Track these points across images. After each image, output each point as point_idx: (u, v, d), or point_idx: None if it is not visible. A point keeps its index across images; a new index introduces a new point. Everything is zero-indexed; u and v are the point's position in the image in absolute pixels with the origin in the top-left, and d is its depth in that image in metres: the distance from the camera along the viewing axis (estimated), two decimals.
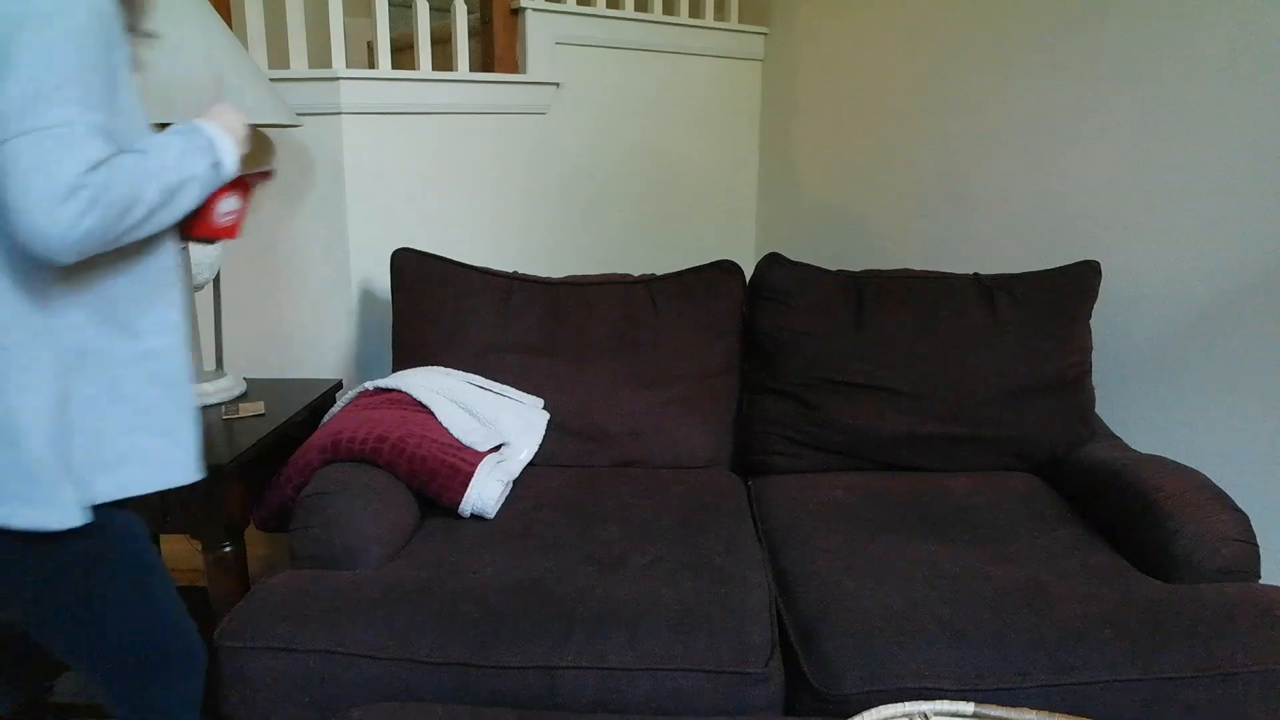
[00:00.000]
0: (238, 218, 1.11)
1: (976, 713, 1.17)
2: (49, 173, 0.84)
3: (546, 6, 2.42)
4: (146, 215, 0.94)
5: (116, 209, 0.89)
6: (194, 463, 1.10)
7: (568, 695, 1.25)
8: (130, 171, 0.91)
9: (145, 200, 0.93)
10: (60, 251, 0.87)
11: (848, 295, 1.93)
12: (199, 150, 1.01)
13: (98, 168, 0.87)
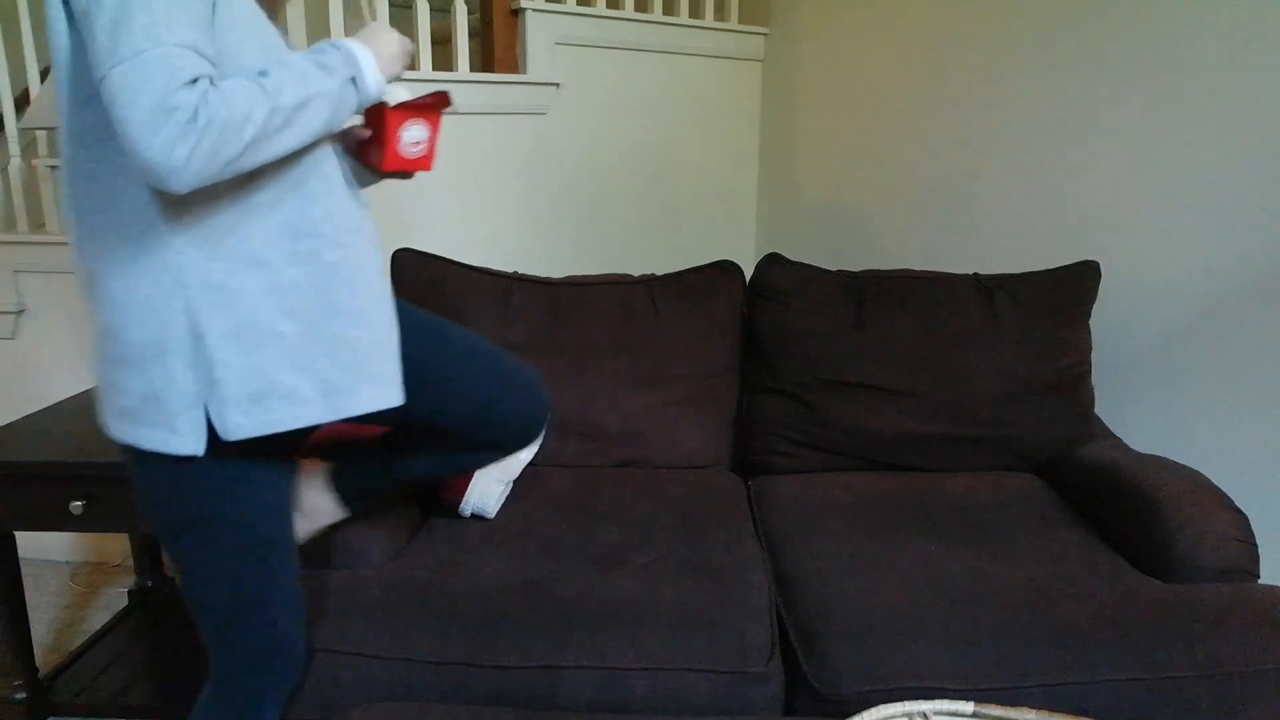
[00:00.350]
0: (428, 148, 1.03)
1: (976, 712, 1.17)
2: (140, 100, 0.81)
3: (546, 6, 2.42)
4: (258, 136, 0.88)
5: (218, 129, 0.84)
6: (339, 400, 1.02)
7: (568, 695, 1.25)
8: (235, 91, 0.86)
9: (254, 120, 0.87)
10: (170, 179, 0.84)
11: (848, 295, 1.93)
12: (327, 67, 0.95)
13: (194, 86, 0.83)
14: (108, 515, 1.59)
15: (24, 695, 1.69)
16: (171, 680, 1.83)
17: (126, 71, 0.81)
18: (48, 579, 2.36)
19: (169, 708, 1.75)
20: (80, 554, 2.49)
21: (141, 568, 2.17)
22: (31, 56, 2.19)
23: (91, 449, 1.64)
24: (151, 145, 0.82)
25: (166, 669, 1.87)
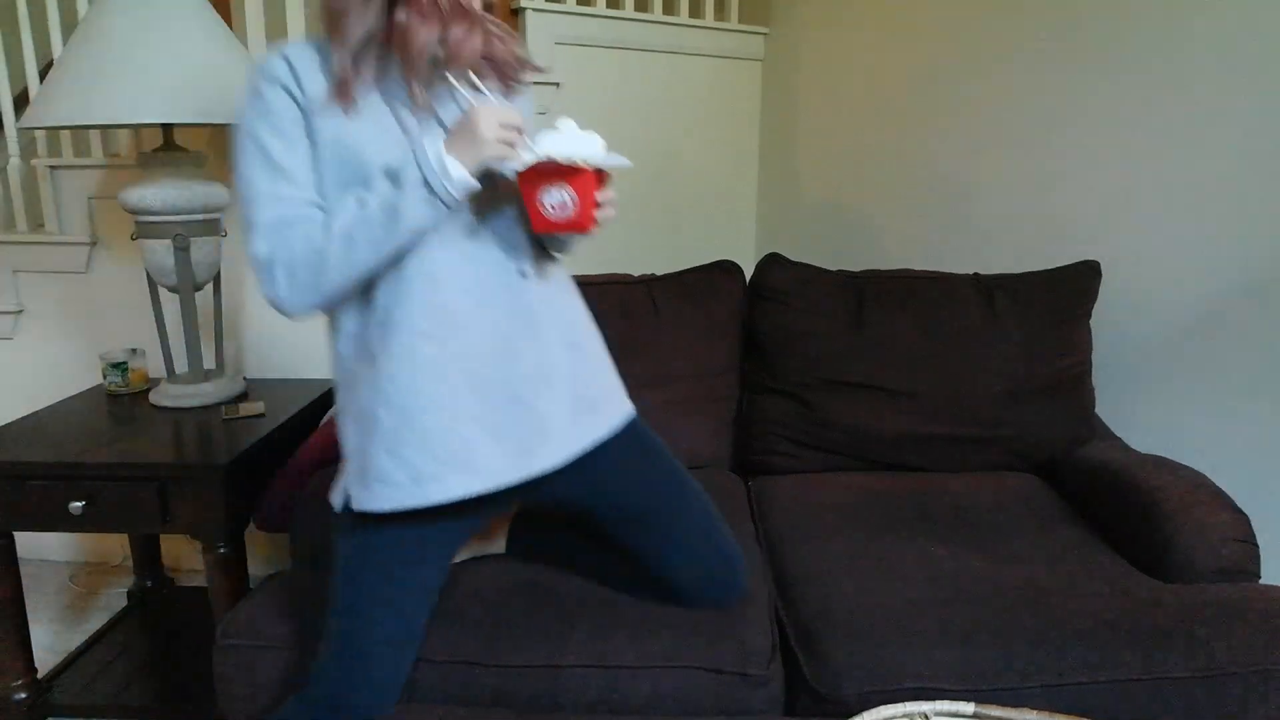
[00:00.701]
0: (575, 209, 1.00)
1: (977, 713, 1.17)
2: (251, 259, 1.04)
3: (546, 6, 2.42)
4: (339, 262, 1.01)
5: (305, 268, 1.02)
6: (428, 486, 1.09)
7: (570, 695, 1.25)
8: (309, 234, 1.02)
9: (330, 251, 1.01)
10: (288, 313, 1.06)
11: (847, 295, 1.93)
12: (395, 177, 1.00)
13: (282, 234, 1.02)
14: (107, 515, 1.59)
15: (24, 695, 1.69)
16: (171, 680, 1.83)
17: (245, 238, 1.05)
18: (48, 579, 2.36)
19: (169, 708, 1.75)
20: (80, 554, 2.49)
21: (141, 568, 2.17)
22: (31, 56, 2.19)
23: (91, 449, 1.65)
24: (269, 292, 1.04)
25: (166, 669, 1.87)
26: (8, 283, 2.26)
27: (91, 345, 2.26)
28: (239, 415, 1.82)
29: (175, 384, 1.91)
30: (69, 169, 2.20)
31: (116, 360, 1.97)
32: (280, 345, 2.20)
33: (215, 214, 1.84)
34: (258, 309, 2.18)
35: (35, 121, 1.67)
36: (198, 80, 1.64)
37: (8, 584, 1.65)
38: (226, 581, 1.61)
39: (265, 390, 1.99)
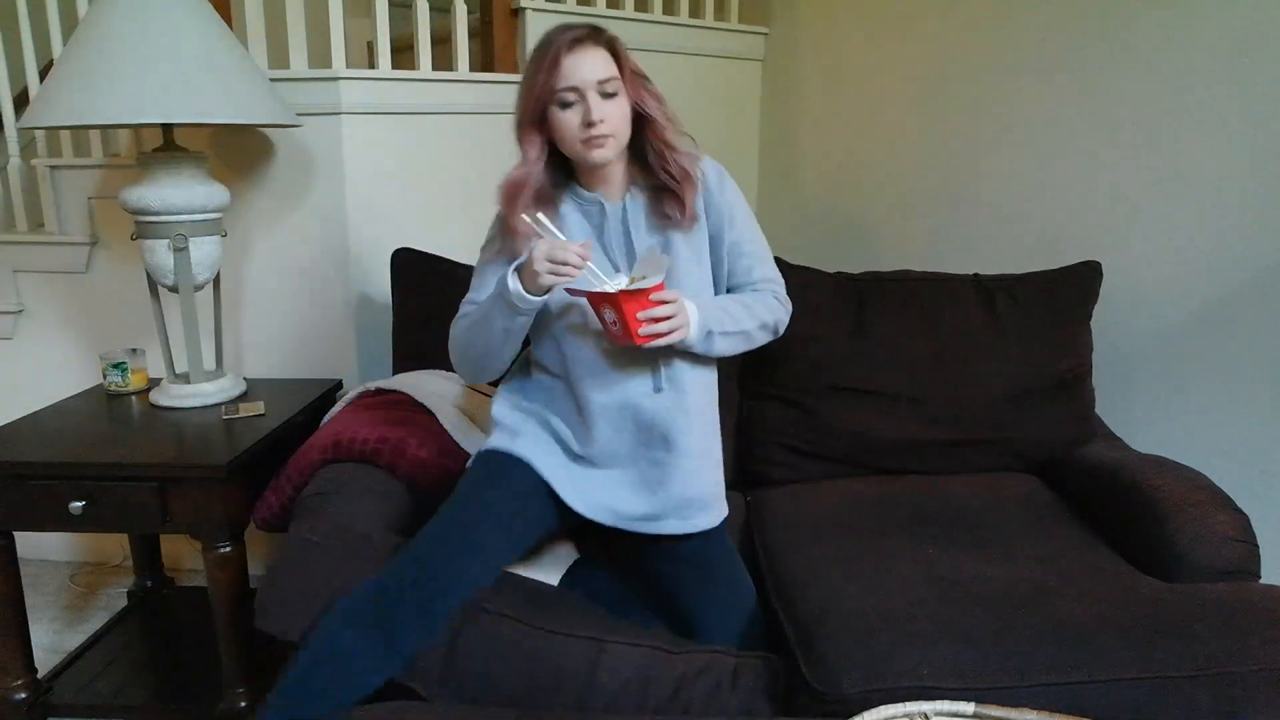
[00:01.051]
0: (619, 326, 1.19)
1: (977, 713, 1.17)
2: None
3: (546, 6, 2.42)
4: (462, 353, 1.36)
5: (453, 353, 1.38)
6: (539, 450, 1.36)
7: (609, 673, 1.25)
8: (457, 322, 1.37)
9: (457, 345, 1.36)
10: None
11: (847, 298, 1.93)
12: (495, 302, 1.27)
13: (455, 321, 1.37)
14: (107, 515, 1.59)
15: (24, 695, 1.69)
16: (171, 680, 1.83)
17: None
18: (47, 579, 2.36)
19: (169, 708, 1.75)
20: (80, 554, 2.49)
21: (141, 568, 2.17)
22: (31, 56, 2.19)
23: (91, 449, 1.65)
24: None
25: (166, 669, 1.87)
26: (8, 283, 2.26)
27: (91, 345, 2.26)
28: (239, 415, 1.82)
29: (175, 384, 1.91)
30: (69, 169, 2.20)
31: (116, 360, 1.97)
32: (280, 345, 2.20)
33: (215, 214, 1.84)
34: (258, 309, 2.18)
35: (35, 121, 1.67)
36: (198, 80, 1.64)
37: (8, 584, 1.65)
38: (226, 581, 1.61)
39: (265, 390, 1.99)
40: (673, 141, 1.29)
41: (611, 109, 1.23)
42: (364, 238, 2.14)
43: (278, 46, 2.03)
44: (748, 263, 1.37)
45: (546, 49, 1.22)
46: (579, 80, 1.21)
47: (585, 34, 1.22)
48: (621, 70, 1.24)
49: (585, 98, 1.22)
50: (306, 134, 2.06)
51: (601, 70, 1.22)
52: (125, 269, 2.18)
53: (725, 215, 1.35)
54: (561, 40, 1.21)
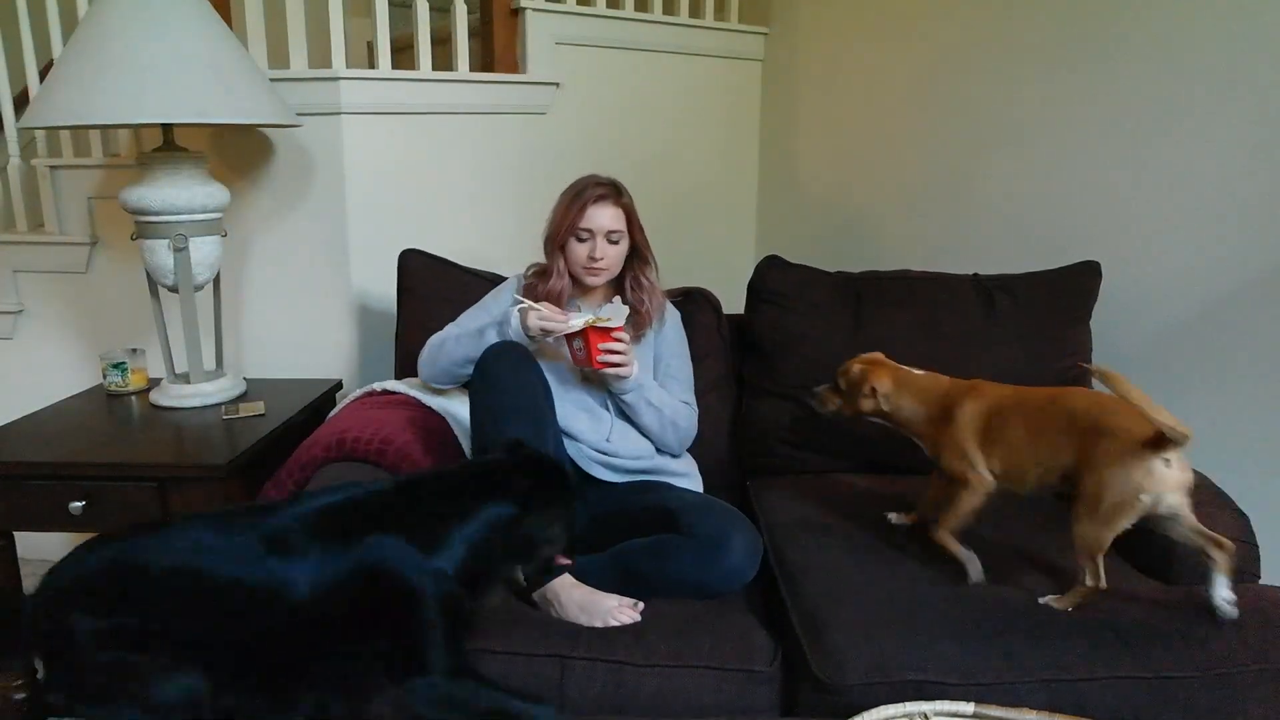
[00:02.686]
0: (584, 353, 1.54)
1: (976, 713, 1.17)
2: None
3: (546, 6, 2.42)
4: (445, 355, 1.63)
5: (430, 354, 1.66)
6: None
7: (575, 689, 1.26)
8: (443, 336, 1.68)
9: (440, 349, 1.65)
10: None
11: (847, 297, 1.93)
12: (492, 320, 1.62)
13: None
14: (108, 515, 1.59)
15: (24, 695, 1.69)
16: None
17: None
18: None
19: None
20: None
21: None
22: (31, 56, 2.19)
23: (91, 449, 1.65)
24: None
25: None
26: (8, 283, 2.26)
27: (91, 345, 2.26)
28: (239, 415, 1.82)
29: (175, 384, 1.91)
30: (69, 169, 2.20)
31: (116, 360, 1.97)
32: (280, 345, 2.20)
33: (215, 214, 1.84)
34: (258, 309, 2.18)
35: (35, 121, 1.67)
36: (198, 80, 1.64)
37: (8, 584, 1.65)
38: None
39: (265, 390, 1.99)
40: (653, 281, 1.72)
41: (612, 251, 1.65)
42: (364, 237, 2.14)
43: (278, 46, 2.03)
44: (675, 386, 1.72)
45: (580, 195, 1.64)
46: (595, 226, 1.63)
47: (609, 193, 1.65)
48: (630, 224, 1.67)
49: (595, 239, 1.63)
50: (306, 134, 2.06)
51: (612, 222, 1.64)
52: (125, 269, 2.18)
53: (669, 347, 1.75)
54: (591, 193, 1.63)
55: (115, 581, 1.07)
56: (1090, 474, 1.29)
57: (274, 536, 1.10)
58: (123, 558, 1.09)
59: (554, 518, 1.26)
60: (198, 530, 1.12)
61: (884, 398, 1.53)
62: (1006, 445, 1.41)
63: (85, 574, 1.08)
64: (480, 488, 1.22)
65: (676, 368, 1.75)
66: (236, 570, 1.08)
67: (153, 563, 1.08)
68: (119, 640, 1.04)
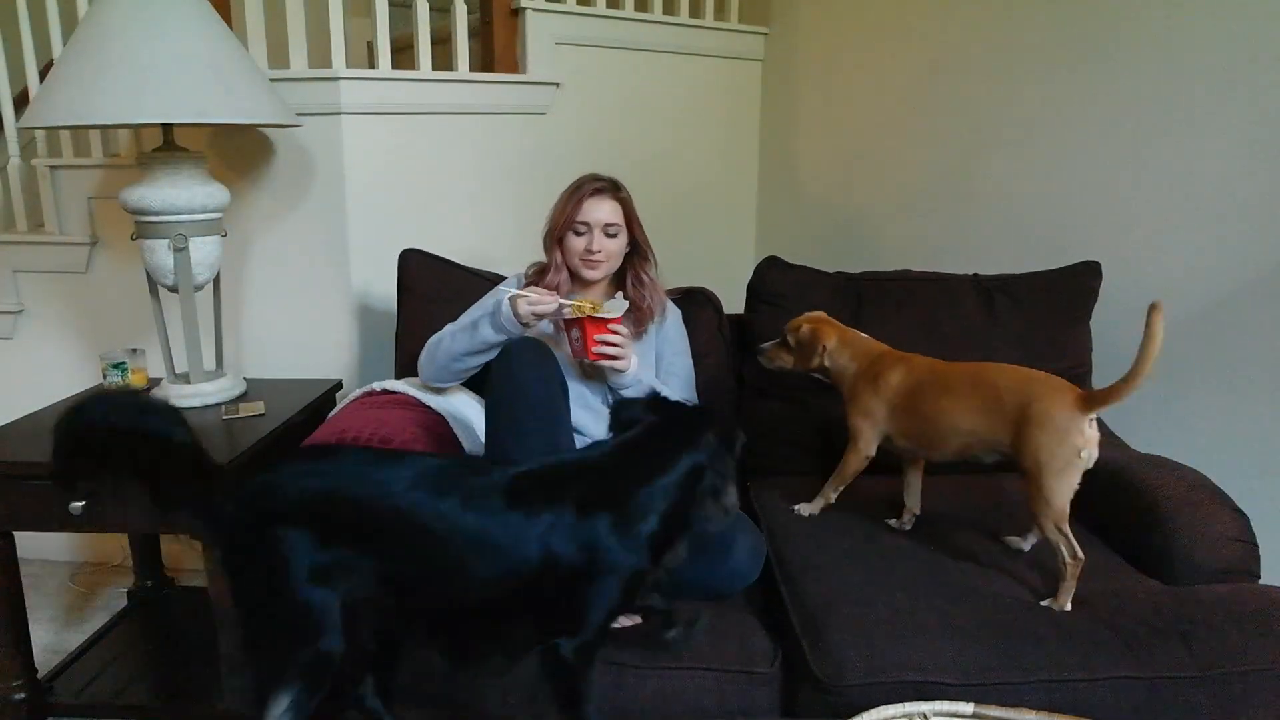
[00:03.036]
0: (580, 343, 1.55)
1: (976, 713, 1.17)
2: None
3: (546, 6, 2.42)
4: (443, 351, 1.64)
5: (428, 352, 1.67)
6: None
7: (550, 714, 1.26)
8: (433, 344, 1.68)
9: (438, 345, 1.65)
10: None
11: (846, 298, 1.93)
12: (485, 311, 1.60)
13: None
14: (108, 515, 1.59)
15: (24, 695, 1.69)
16: (171, 680, 1.83)
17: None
18: (48, 579, 2.36)
19: (169, 708, 1.75)
20: (80, 554, 2.49)
21: (141, 568, 2.17)
22: (31, 56, 2.19)
23: None
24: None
25: (166, 669, 1.87)
26: (8, 283, 2.26)
27: (91, 345, 2.26)
28: (239, 415, 1.82)
29: (175, 384, 1.91)
30: (69, 169, 2.20)
31: (116, 360, 1.97)
32: (280, 345, 2.20)
33: (215, 214, 1.84)
34: (258, 309, 2.18)
35: (35, 121, 1.67)
36: (198, 80, 1.64)
37: (8, 584, 1.65)
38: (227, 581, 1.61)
39: (265, 390, 1.99)
40: (654, 278, 1.74)
41: (609, 244, 1.65)
42: (364, 237, 2.14)
43: (278, 46, 2.03)
44: (676, 383, 1.72)
45: (577, 190, 1.66)
46: (591, 219, 1.64)
47: (606, 187, 1.67)
48: (628, 219, 1.68)
49: (592, 232, 1.64)
50: (306, 134, 2.06)
51: (609, 216, 1.65)
52: (125, 269, 2.18)
53: (671, 345, 1.76)
54: (588, 187, 1.65)
55: (341, 512, 1.05)
56: (1026, 442, 1.37)
57: (513, 491, 1.11)
58: (347, 490, 1.07)
59: (729, 465, 1.24)
60: (413, 471, 1.10)
61: (829, 354, 1.64)
62: (924, 416, 1.52)
63: (306, 498, 1.06)
64: (680, 438, 1.21)
65: (678, 365, 1.75)
66: (482, 521, 1.08)
67: (376, 498, 1.07)
68: (334, 574, 1.03)
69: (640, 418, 1.25)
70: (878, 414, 1.57)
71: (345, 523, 1.06)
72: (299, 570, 1.02)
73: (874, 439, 1.59)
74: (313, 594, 1.02)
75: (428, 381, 1.70)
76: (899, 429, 1.56)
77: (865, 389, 1.59)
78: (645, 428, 1.23)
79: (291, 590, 1.02)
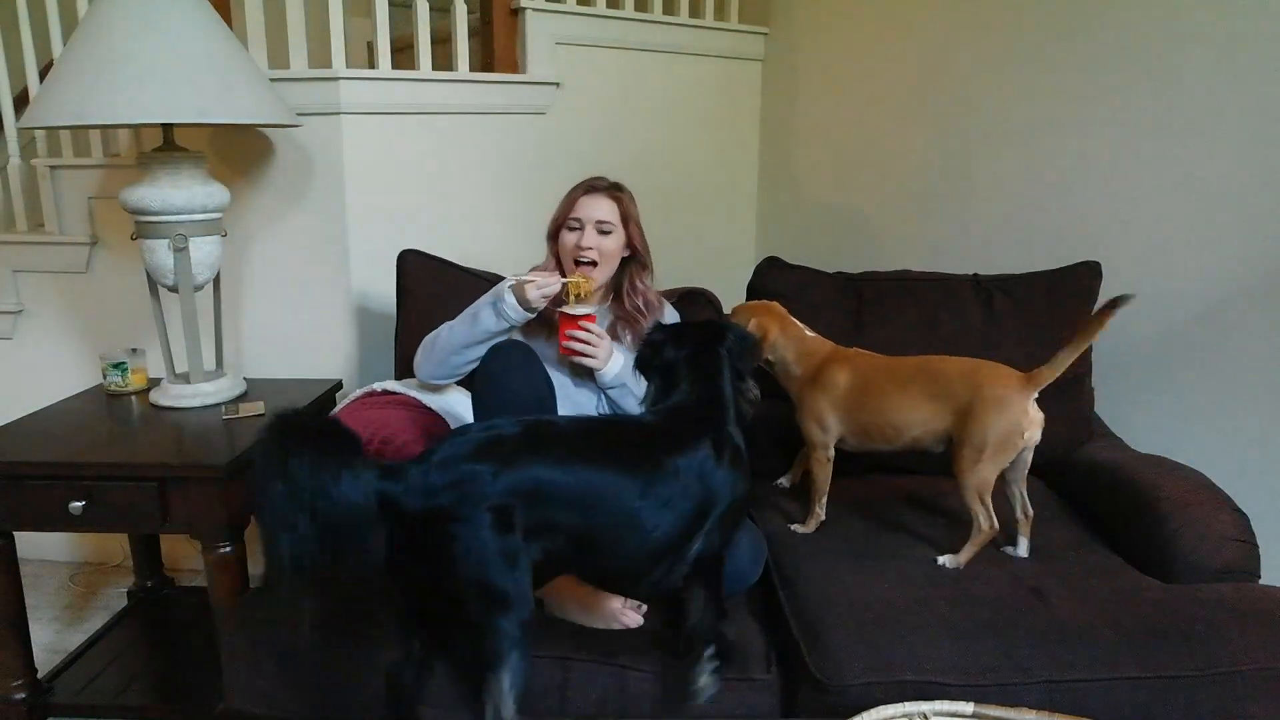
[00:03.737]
0: (558, 339, 1.59)
1: (976, 713, 1.17)
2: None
3: (546, 6, 2.42)
4: (440, 346, 1.63)
5: (425, 348, 1.67)
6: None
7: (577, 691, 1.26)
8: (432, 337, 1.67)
9: (435, 340, 1.65)
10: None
11: (846, 298, 1.93)
12: (486, 303, 1.58)
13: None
14: (107, 515, 1.59)
15: (24, 695, 1.69)
16: (171, 680, 1.83)
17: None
18: (48, 579, 2.36)
19: (169, 708, 1.75)
20: (80, 554, 2.49)
21: (141, 568, 2.17)
22: (31, 56, 2.19)
23: (91, 449, 1.64)
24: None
25: (166, 669, 1.87)
26: (8, 283, 2.26)
27: (91, 345, 2.26)
28: (239, 415, 1.82)
29: (175, 384, 1.91)
30: (69, 169, 2.19)
31: (116, 360, 1.97)
32: (280, 345, 2.20)
33: (215, 214, 1.84)
34: (258, 309, 2.18)
35: (35, 121, 1.67)
36: (197, 80, 1.64)
37: (8, 584, 1.65)
38: (226, 581, 1.61)
39: (265, 390, 1.99)
40: (648, 285, 1.72)
41: (602, 242, 1.64)
42: (364, 238, 2.14)
43: (278, 46, 2.03)
44: None
45: (576, 188, 1.69)
46: (584, 215, 1.65)
47: (604, 186, 1.68)
48: (625, 221, 1.67)
49: (584, 228, 1.64)
50: (306, 134, 2.06)
51: (603, 214, 1.65)
52: (125, 269, 2.18)
53: None
54: (585, 184, 1.68)
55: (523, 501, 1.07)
56: (973, 422, 1.45)
57: (649, 478, 1.14)
58: (531, 483, 1.08)
59: (748, 360, 1.38)
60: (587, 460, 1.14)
61: (772, 347, 1.64)
62: (876, 411, 1.56)
63: (494, 494, 1.07)
64: (712, 347, 1.31)
65: None
66: (632, 503, 1.12)
67: (557, 485, 1.10)
68: (525, 548, 1.06)
69: (666, 351, 1.32)
70: (828, 418, 1.60)
71: (544, 504, 1.09)
72: (496, 550, 1.05)
73: (831, 441, 1.61)
74: (510, 571, 1.05)
75: (424, 379, 1.70)
76: (850, 428, 1.59)
77: (814, 393, 1.61)
78: (683, 361, 1.30)
79: (495, 569, 1.04)
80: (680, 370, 1.29)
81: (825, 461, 1.61)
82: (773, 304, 1.71)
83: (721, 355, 1.31)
